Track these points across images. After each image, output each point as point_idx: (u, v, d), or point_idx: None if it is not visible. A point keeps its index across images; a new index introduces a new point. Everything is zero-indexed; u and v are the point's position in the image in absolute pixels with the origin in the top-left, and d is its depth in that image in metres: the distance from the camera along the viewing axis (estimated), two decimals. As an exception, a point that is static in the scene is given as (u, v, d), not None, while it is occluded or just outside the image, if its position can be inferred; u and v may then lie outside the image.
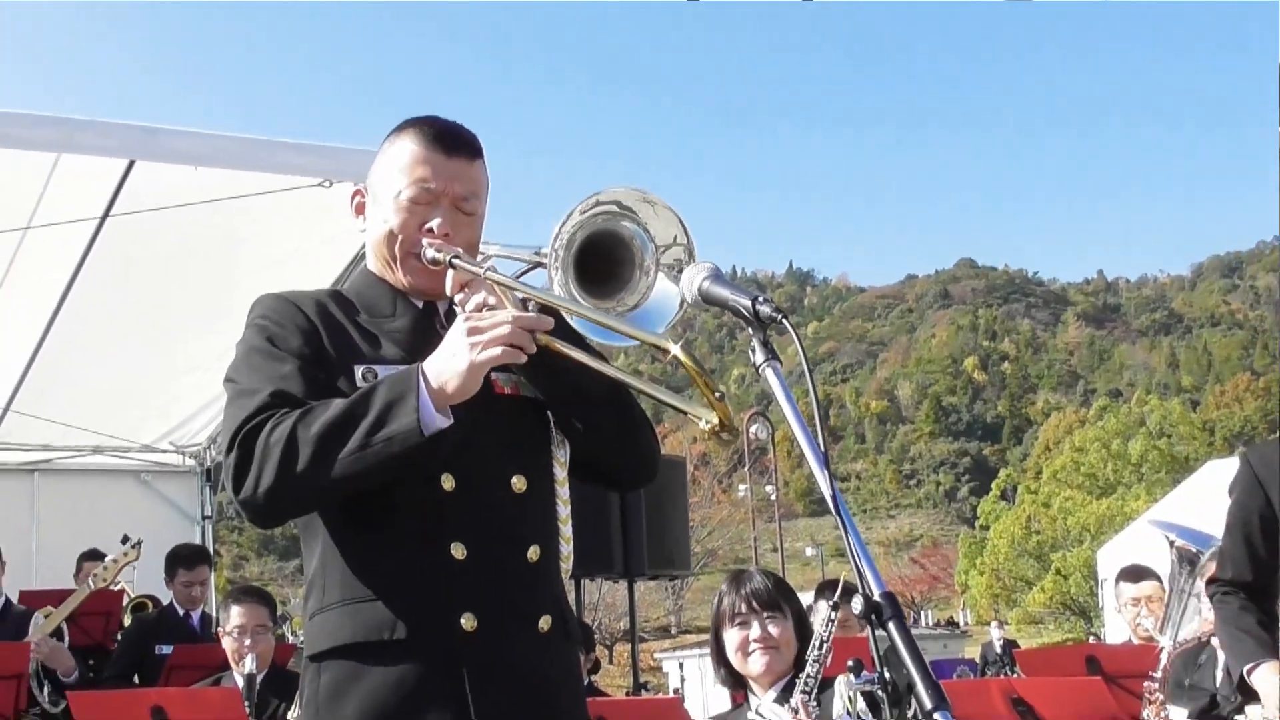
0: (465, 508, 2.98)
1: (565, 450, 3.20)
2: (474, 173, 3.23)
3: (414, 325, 3.15)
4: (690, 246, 2.97)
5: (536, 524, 3.11)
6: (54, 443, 12.50)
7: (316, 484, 2.82)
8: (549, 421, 3.19)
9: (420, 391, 2.80)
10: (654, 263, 2.98)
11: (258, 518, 2.93)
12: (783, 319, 2.48)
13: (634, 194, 2.96)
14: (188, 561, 9.39)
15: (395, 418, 2.78)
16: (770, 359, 2.45)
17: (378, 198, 3.25)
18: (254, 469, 2.83)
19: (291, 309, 3.14)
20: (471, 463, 3.01)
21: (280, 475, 2.80)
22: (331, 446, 2.79)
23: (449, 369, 2.83)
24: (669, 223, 2.97)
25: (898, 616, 2.14)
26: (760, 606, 4.88)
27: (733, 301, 2.57)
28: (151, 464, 13.28)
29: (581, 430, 3.15)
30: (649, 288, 2.99)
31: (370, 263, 3.31)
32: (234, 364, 3.10)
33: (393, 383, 2.85)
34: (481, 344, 2.81)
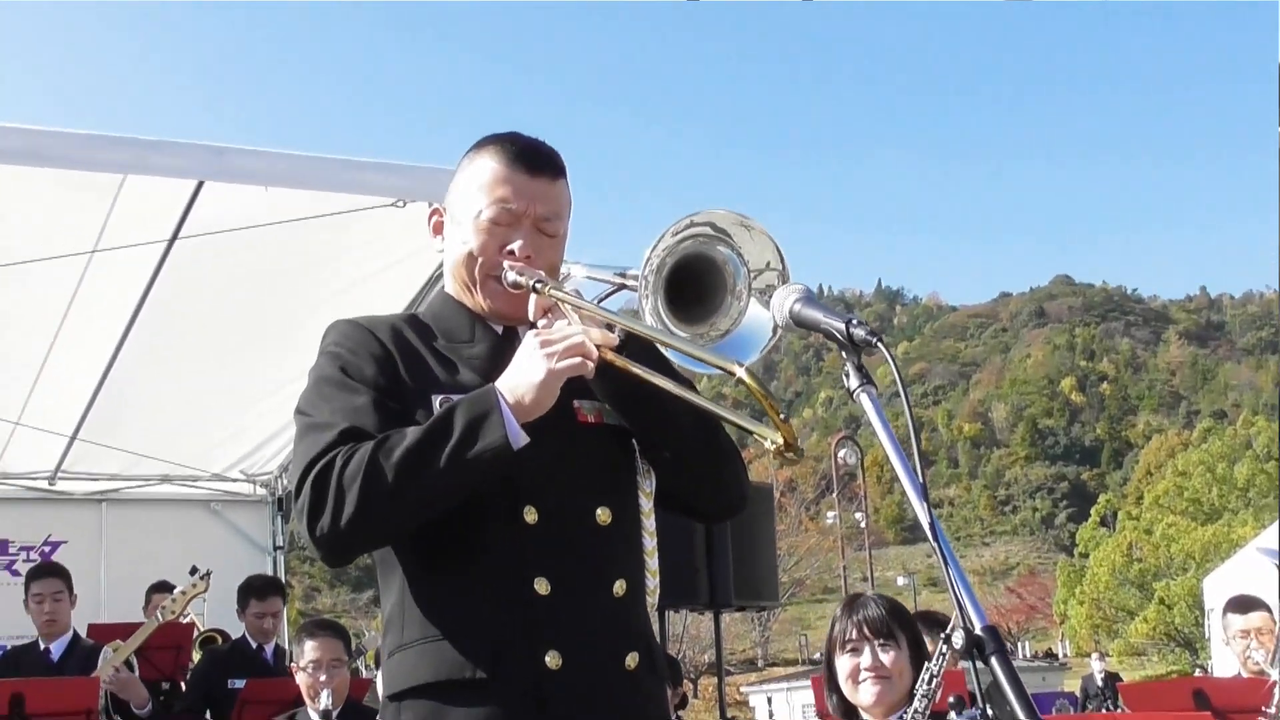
0: (548, 541, 2.96)
1: (651, 480, 3.17)
2: (556, 192, 3.21)
3: (493, 351, 3.12)
4: (785, 272, 2.95)
5: (622, 557, 3.08)
6: (122, 472, 12.56)
7: (402, 509, 2.82)
8: (634, 450, 3.16)
9: (502, 407, 2.80)
10: (746, 287, 2.96)
11: (336, 551, 2.91)
12: (878, 342, 2.44)
13: (730, 217, 2.94)
14: (260, 592, 9.45)
15: (483, 435, 2.78)
16: (865, 384, 2.43)
17: (456, 218, 3.24)
18: (330, 504, 2.81)
19: (365, 335, 3.12)
20: (554, 494, 2.99)
21: (362, 504, 2.78)
22: (417, 470, 2.78)
23: (524, 382, 2.83)
24: (764, 247, 2.95)
25: (1000, 651, 2.11)
26: (873, 633, 4.79)
27: (825, 324, 2.55)
28: (221, 493, 13.32)
29: (668, 459, 3.12)
30: (741, 313, 2.97)
31: (448, 285, 3.30)
32: (305, 394, 3.09)
33: (470, 403, 2.84)
34: (556, 354, 2.81)
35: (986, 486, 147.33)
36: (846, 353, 2.48)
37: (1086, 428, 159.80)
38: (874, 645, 4.79)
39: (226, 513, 13.28)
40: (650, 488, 3.17)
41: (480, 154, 3.23)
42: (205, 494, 13.25)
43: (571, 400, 3.01)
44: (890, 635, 4.80)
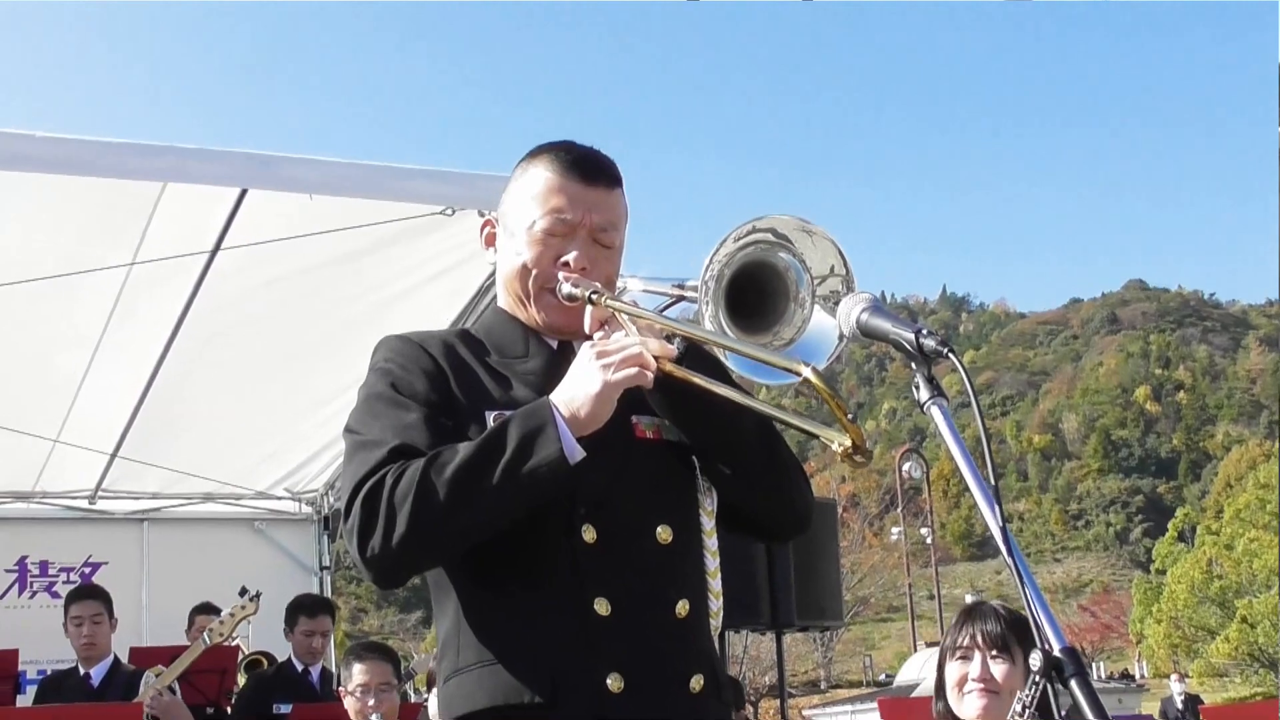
0: (608, 561, 2.95)
1: (712, 498, 3.16)
2: (613, 201, 3.22)
3: (548, 366, 3.12)
4: (849, 277, 2.95)
5: (684, 577, 3.08)
6: (164, 490, 12.65)
7: (456, 527, 2.81)
8: (695, 467, 3.16)
9: (557, 420, 2.79)
10: (809, 294, 2.97)
11: (388, 572, 2.90)
12: (949, 353, 2.44)
13: (791, 222, 2.94)
14: (310, 610, 9.48)
15: (538, 449, 2.77)
16: (936, 396, 2.42)
17: (509, 228, 3.24)
18: (381, 524, 2.80)
19: (417, 351, 3.14)
20: (614, 513, 2.98)
21: (414, 523, 2.78)
22: (471, 486, 2.77)
23: (580, 394, 2.82)
24: (826, 252, 2.95)
25: (1081, 674, 2.09)
26: (986, 644, 4.72)
27: (894, 335, 2.54)
28: (266, 512, 13.41)
29: (730, 475, 3.10)
30: (804, 321, 2.98)
31: (501, 299, 3.30)
32: (355, 412, 3.10)
33: (524, 416, 2.84)
34: (613, 365, 2.81)
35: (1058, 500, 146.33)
36: (916, 364, 2.46)
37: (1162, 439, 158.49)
38: (986, 655, 4.72)
39: (271, 532, 13.37)
40: (712, 506, 3.17)
41: (534, 163, 3.24)
42: (249, 513, 13.34)
43: (629, 416, 3.02)
44: (1005, 649, 4.70)
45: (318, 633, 9.38)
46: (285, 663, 9.52)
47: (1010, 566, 2.19)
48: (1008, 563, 2.19)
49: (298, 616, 9.41)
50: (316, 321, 9.70)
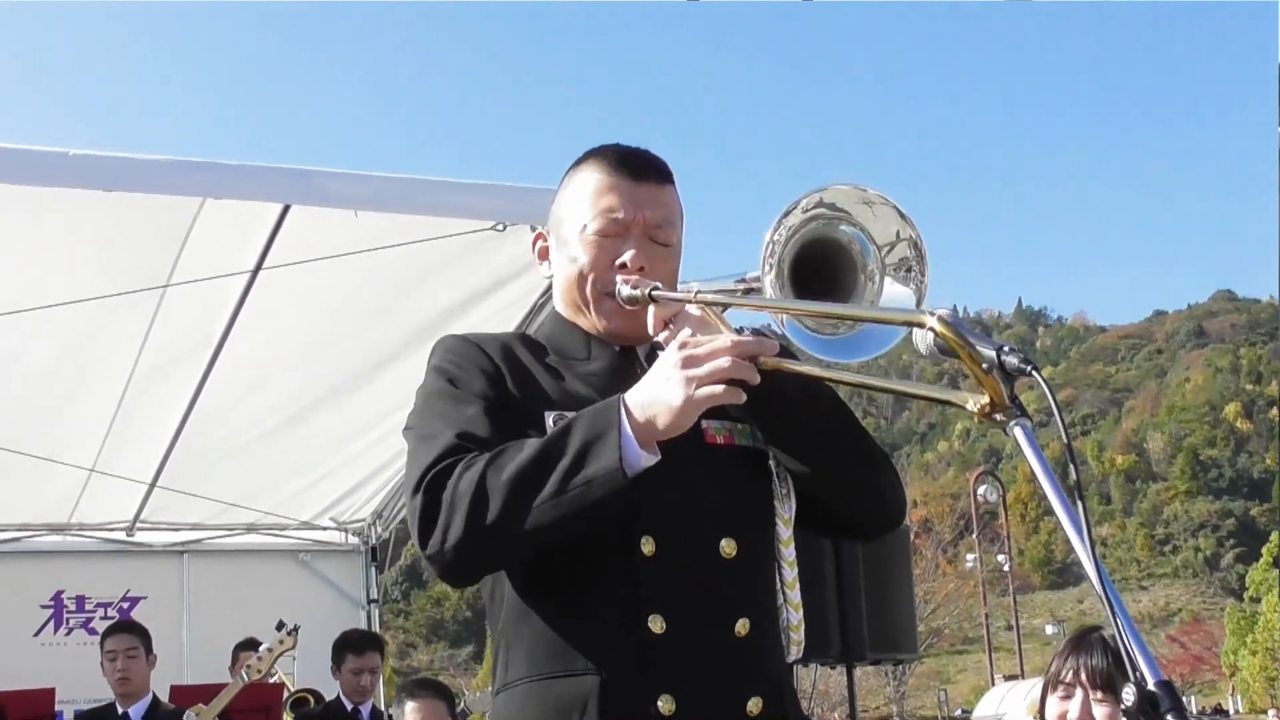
0: (665, 575, 2.95)
1: (790, 505, 3.14)
2: (666, 198, 3.24)
3: (611, 369, 3.15)
4: (916, 239, 2.96)
5: (747, 593, 3.06)
6: (205, 521, 12.69)
7: (509, 536, 2.81)
8: (770, 474, 3.14)
9: (622, 426, 2.77)
10: (879, 266, 2.98)
11: (447, 574, 2.95)
12: (1032, 371, 2.41)
13: (848, 192, 2.95)
14: (358, 646, 9.50)
15: (594, 458, 2.76)
16: (1019, 417, 2.41)
17: (562, 237, 3.27)
18: (441, 519, 2.83)
19: (474, 350, 3.17)
20: (675, 524, 2.98)
21: (469, 527, 2.79)
22: (525, 494, 2.77)
23: (659, 400, 2.79)
24: (888, 220, 2.97)
25: (1177, 709, 2.07)
26: (1091, 682, 4.64)
27: None
28: (311, 543, 13.45)
29: (816, 472, 3.08)
30: (876, 295, 2.99)
31: (560, 308, 3.33)
32: (414, 411, 3.14)
33: (591, 418, 2.83)
34: (699, 379, 2.76)
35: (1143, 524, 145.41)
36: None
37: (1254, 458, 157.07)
38: (1089, 694, 4.64)
39: (316, 564, 13.40)
40: (789, 513, 3.15)
41: (581, 167, 3.28)
42: (293, 544, 13.38)
43: (699, 419, 2.97)
44: (1111, 689, 4.60)
45: (366, 670, 9.40)
46: (333, 701, 9.55)
47: (1100, 595, 2.18)
48: (1097, 591, 2.18)
49: (345, 653, 9.43)
50: (362, 343, 9.70)
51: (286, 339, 9.58)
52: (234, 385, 9.95)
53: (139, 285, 8.26)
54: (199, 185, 7.14)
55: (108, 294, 8.16)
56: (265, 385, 10.19)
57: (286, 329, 9.41)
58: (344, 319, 9.43)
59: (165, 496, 11.83)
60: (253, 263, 8.26)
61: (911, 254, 2.95)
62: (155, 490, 11.69)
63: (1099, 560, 2.20)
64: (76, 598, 12.63)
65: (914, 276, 2.98)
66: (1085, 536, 2.22)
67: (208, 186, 7.13)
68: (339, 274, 8.38)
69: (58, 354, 9.22)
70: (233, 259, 8.25)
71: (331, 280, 8.55)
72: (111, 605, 12.62)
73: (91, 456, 10.82)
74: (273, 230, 7.91)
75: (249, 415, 10.59)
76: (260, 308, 8.81)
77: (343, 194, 7.38)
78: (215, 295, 8.63)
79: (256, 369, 9.85)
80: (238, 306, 8.78)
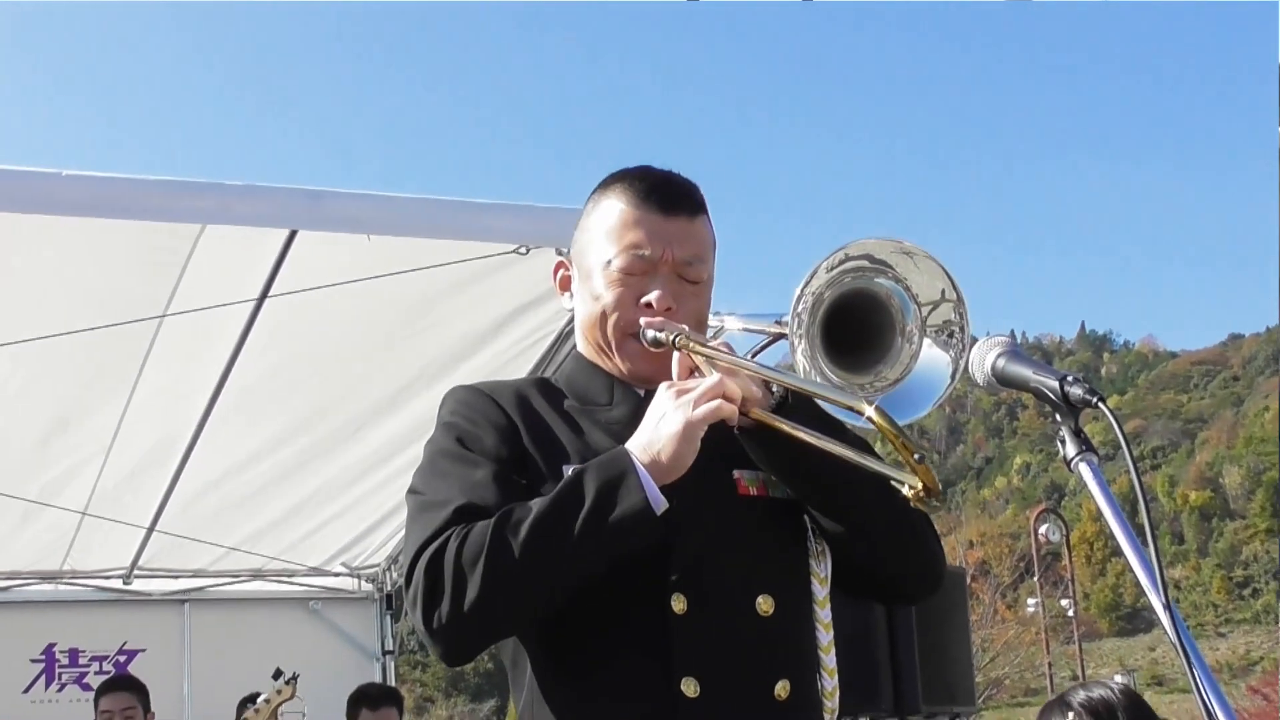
0: (699, 635, 2.94)
1: (826, 563, 3.15)
2: (697, 231, 3.23)
3: (635, 415, 3.11)
4: (960, 303, 2.95)
5: (786, 654, 3.07)
6: (207, 568, 12.66)
7: (534, 589, 2.83)
8: (805, 528, 3.15)
9: (638, 467, 2.81)
10: (918, 327, 2.97)
11: (457, 644, 2.93)
12: (1098, 402, 2.42)
13: (887, 245, 2.94)
14: (374, 701, 9.52)
15: (620, 499, 2.78)
16: (1084, 451, 2.41)
17: (585, 270, 3.27)
18: (449, 588, 2.83)
19: (486, 403, 3.17)
20: (707, 580, 2.98)
21: (488, 585, 2.79)
22: (549, 542, 2.79)
23: (660, 436, 2.84)
24: (933, 276, 2.95)
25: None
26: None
27: (1035, 382, 2.55)
28: (321, 589, 13.41)
29: (848, 533, 3.08)
30: (913, 357, 2.98)
31: (581, 347, 3.34)
32: (419, 471, 3.15)
33: (601, 466, 2.86)
34: (692, 400, 2.83)
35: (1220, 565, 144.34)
36: (1061, 415, 2.47)
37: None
38: None
39: (328, 612, 13.35)
40: (825, 572, 3.15)
41: (605, 195, 3.27)
42: (303, 591, 13.34)
43: (730, 470, 3.03)
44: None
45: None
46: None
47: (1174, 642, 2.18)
48: (1170, 638, 2.18)
49: (360, 709, 9.44)
50: (376, 376, 9.70)
51: (294, 371, 9.56)
52: (237, 421, 9.93)
53: (135, 315, 8.26)
54: (199, 210, 7.13)
55: (100, 325, 8.14)
56: (271, 421, 10.17)
57: (293, 361, 9.39)
58: (356, 349, 9.42)
59: (164, 541, 11.80)
60: (258, 290, 8.27)
61: (955, 317, 2.94)
62: (154, 535, 11.65)
63: (1173, 604, 2.20)
64: (69, 651, 12.58)
65: (954, 343, 2.97)
66: (1157, 579, 2.22)
67: (208, 211, 7.13)
68: (350, 302, 8.36)
69: (47, 389, 9.20)
70: (236, 286, 8.26)
71: (342, 308, 8.54)
72: (107, 659, 12.56)
73: (84, 499, 10.78)
74: (279, 255, 7.92)
75: (254, 453, 10.55)
76: (265, 339, 8.82)
77: (354, 217, 7.37)
78: (217, 326, 8.63)
79: (262, 404, 9.82)
80: (241, 337, 8.77)
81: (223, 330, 8.73)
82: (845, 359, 2.96)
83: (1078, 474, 2.41)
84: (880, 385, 2.97)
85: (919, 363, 2.97)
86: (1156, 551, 2.25)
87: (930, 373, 2.96)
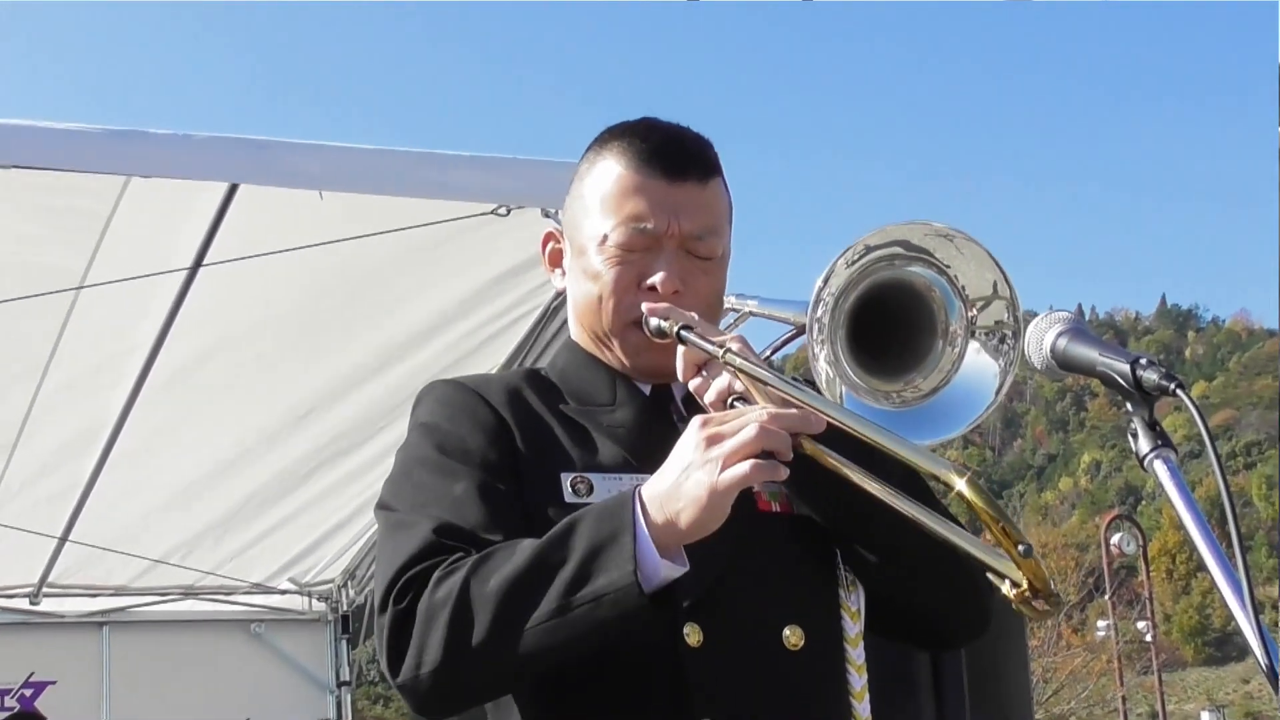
0: (718, 670, 2.92)
1: (858, 595, 3.12)
2: (709, 199, 3.19)
3: (640, 418, 3.12)
4: (1014, 303, 2.89)
5: (819, 692, 3.04)
6: (130, 584, 12.60)
7: (497, 664, 2.77)
8: (834, 552, 3.12)
9: (638, 527, 2.70)
10: (964, 327, 2.92)
11: (422, 709, 2.91)
12: (1177, 389, 2.39)
13: (918, 228, 2.87)
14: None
15: (603, 568, 2.69)
16: (1161, 447, 2.39)
17: (578, 244, 3.24)
18: (415, 640, 2.80)
19: (471, 400, 3.14)
20: (726, 608, 2.95)
21: (448, 652, 2.75)
22: (516, 612, 2.72)
23: (681, 494, 2.71)
24: (981, 265, 2.89)
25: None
26: None
27: (1102, 366, 2.51)
28: (265, 610, 13.39)
29: (880, 565, 3.06)
30: (955, 363, 2.94)
31: (575, 333, 3.31)
32: (390, 480, 3.12)
33: (599, 516, 2.77)
34: (723, 457, 2.68)
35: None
36: (1133, 404, 2.44)
37: None
38: None
39: (272, 636, 13.33)
40: (857, 605, 3.12)
41: (601, 155, 3.23)
42: (243, 612, 13.31)
43: None
44: None
45: (335, 772, 9.45)
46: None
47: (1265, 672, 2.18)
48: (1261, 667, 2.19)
49: (309, 751, 9.48)
50: (328, 358, 9.65)
51: (232, 353, 9.47)
52: (167, 412, 9.87)
53: (45, 287, 8.15)
54: (124, 160, 7.01)
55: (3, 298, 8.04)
56: (206, 411, 10.10)
57: (232, 340, 9.32)
58: (305, 327, 9.36)
59: (79, 553, 11.72)
60: (190, 258, 8.18)
61: (1008, 318, 2.89)
62: (66, 546, 11.56)
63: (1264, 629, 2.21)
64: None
65: (1005, 350, 2.91)
66: (1246, 598, 2.22)
67: (134, 163, 7.01)
68: (298, 271, 8.28)
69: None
70: (165, 253, 8.18)
71: (289, 279, 8.48)
72: (10, 692, 12.50)
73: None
74: (215, 216, 7.83)
75: (186, 449, 10.50)
76: (200, 314, 8.73)
77: (303, 170, 7.25)
78: (143, 299, 8.55)
79: (195, 392, 9.74)
80: (171, 313, 8.69)
81: (150, 304, 8.65)
82: (877, 362, 2.93)
83: (1152, 473, 2.40)
84: (910, 396, 2.94)
85: (962, 371, 2.93)
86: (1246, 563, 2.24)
87: (973, 384, 2.93)
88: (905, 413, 2.92)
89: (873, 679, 3.13)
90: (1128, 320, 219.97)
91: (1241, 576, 2.24)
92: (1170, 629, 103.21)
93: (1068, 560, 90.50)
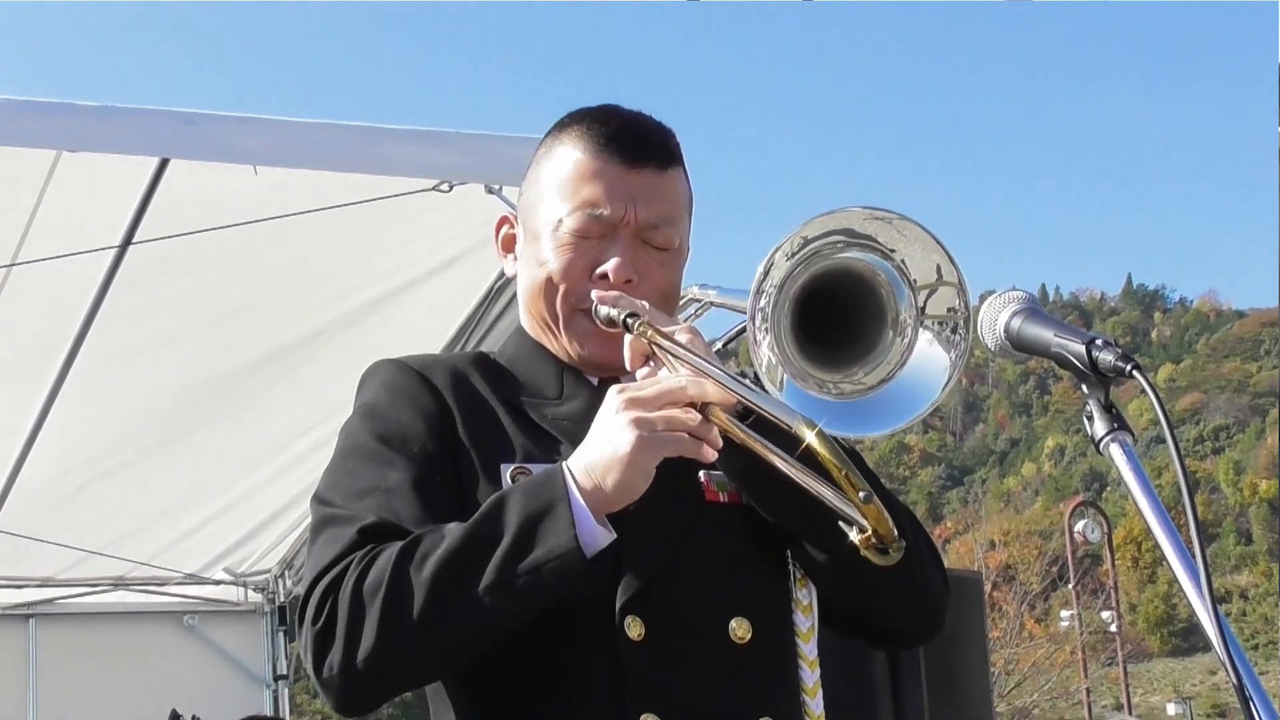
0: (661, 665, 2.93)
1: (809, 590, 3.13)
2: (667, 188, 3.20)
3: (587, 411, 3.06)
4: (962, 289, 2.90)
5: (768, 687, 3.05)
6: (57, 575, 12.61)
7: (437, 642, 2.80)
8: (785, 544, 3.12)
9: (571, 496, 2.75)
10: (914, 316, 2.93)
11: (349, 701, 2.92)
12: (1133, 371, 2.41)
13: (856, 214, 2.89)
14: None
15: (543, 537, 2.73)
16: (1116, 430, 2.40)
17: (532, 230, 3.25)
18: (341, 634, 2.81)
19: (414, 383, 3.15)
20: (670, 600, 2.96)
21: (384, 635, 2.77)
22: (456, 588, 2.75)
23: (603, 458, 2.77)
24: (925, 248, 2.90)
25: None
26: None
27: (1056, 346, 2.53)
28: (199, 601, 13.40)
29: (827, 564, 3.05)
30: (904, 354, 2.95)
31: (525, 322, 3.32)
32: (328, 470, 3.13)
33: (528, 491, 2.81)
34: (639, 418, 2.74)
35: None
36: (1089, 386, 2.46)
37: None
38: None
39: (206, 628, 13.34)
40: (809, 599, 3.14)
41: (560, 139, 3.24)
42: (176, 603, 13.33)
43: (695, 471, 2.99)
44: None
45: (271, 768, 9.44)
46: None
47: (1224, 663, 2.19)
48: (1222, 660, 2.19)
49: (243, 747, 9.47)
50: (263, 340, 9.63)
51: (164, 334, 9.45)
52: (96, 395, 9.83)
53: (-29, 266, 8.19)
54: (50, 133, 7.00)
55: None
56: (137, 395, 10.07)
57: (164, 321, 9.30)
58: (239, 308, 9.34)
59: (4, 543, 11.63)
60: (119, 235, 8.15)
61: (959, 305, 2.89)
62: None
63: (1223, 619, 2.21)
64: (-118, 680, 12.50)
65: (957, 342, 2.93)
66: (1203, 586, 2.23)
67: (60, 135, 7.00)
68: (232, 249, 8.26)
69: None
70: (93, 230, 8.13)
71: (222, 257, 8.45)
72: (-68, 688, 12.50)
73: (-100, 492, 10.69)
74: (146, 192, 7.79)
75: (117, 435, 10.47)
76: (129, 294, 8.70)
77: (236, 144, 7.25)
78: (70, 279, 8.50)
79: (124, 375, 9.73)
80: (100, 292, 8.67)
81: (77, 284, 8.62)
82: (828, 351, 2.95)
83: (1108, 457, 2.40)
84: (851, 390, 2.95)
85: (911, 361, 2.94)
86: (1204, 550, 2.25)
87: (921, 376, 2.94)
88: (864, 402, 2.93)
89: (827, 675, 3.14)
90: (1093, 301, 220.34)
91: (1199, 563, 2.24)
92: (1136, 619, 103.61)
93: (1031, 549, 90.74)
